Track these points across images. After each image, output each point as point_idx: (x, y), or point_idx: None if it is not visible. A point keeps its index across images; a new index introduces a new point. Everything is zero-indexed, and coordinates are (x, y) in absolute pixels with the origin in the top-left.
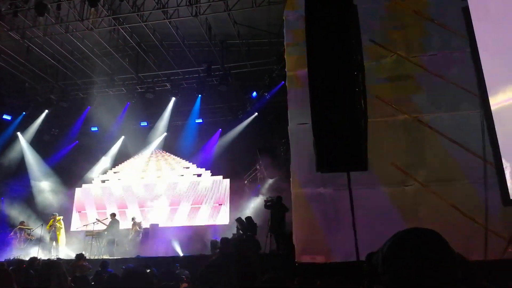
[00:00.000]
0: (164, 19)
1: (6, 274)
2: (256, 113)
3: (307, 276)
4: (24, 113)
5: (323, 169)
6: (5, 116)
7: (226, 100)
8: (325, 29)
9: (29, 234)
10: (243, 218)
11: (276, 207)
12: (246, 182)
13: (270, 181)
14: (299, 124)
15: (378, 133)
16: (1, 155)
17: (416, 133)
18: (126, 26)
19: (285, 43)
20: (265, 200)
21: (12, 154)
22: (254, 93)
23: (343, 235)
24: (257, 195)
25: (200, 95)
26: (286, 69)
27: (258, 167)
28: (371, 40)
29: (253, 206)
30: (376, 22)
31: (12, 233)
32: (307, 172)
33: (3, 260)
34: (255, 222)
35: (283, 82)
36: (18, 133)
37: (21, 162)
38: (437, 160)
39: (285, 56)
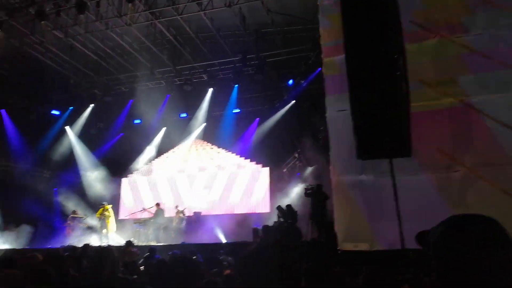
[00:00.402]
0: (199, 11)
1: (62, 260)
2: (293, 101)
3: (350, 263)
4: (71, 108)
5: (363, 156)
6: (53, 111)
7: (262, 89)
8: (362, 11)
9: (81, 223)
10: (283, 206)
11: (316, 195)
12: (285, 170)
13: (310, 169)
14: (337, 110)
15: (422, 118)
16: (52, 149)
17: (462, 117)
18: (163, 20)
19: (320, 28)
20: (305, 188)
21: (62, 147)
22: (291, 81)
23: (387, 222)
24: (296, 183)
25: (236, 85)
26: (322, 55)
27: (297, 155)
28: (412, 22)
29: (293, 194)
30: (416, 2)
31: (65, 222)
32: (347, 159)
33: (59, 247)
34: (295, 210)
35: (319, 68)
36: (67, 127)
37: (71, 155)
38: (485, 144)
39: (321, 42)
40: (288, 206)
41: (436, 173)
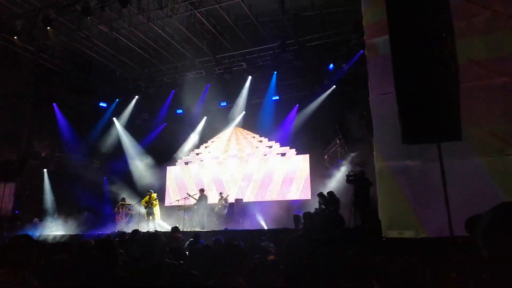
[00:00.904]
0: None
1: (112, 245)
2: (334, 86)
3: (395, 251)
4: (117, 100)
5: (409, 140)
6: (101, 104)
7: (302, 75)
8: None
9: (129, 210)
10: (325, 193)
11: (359, 181)
12: (326, 157)
13: (352, 155)
14: (381, 94)
15: (472, 99)
16: (101, 139)
17: None
18: (202, 9)
19: (362, 9)
20: (347, 175)
21: (110, 138)
22: (331, 65)
23: (434, 209)
24: (338, 169)
25: (275, 72)
26: (364, 37)
27: (338, 141)
28: None
29: (334, 181)
30: None
31: (115, 209)
32: (391, 144)
33: (109, 232)
34: (337, 196)
35: (362, 51)
36: (114, 119)
37: (118, 145)
38: None
39: (363, 24)
40: (330, 193)
41: (487, 157)
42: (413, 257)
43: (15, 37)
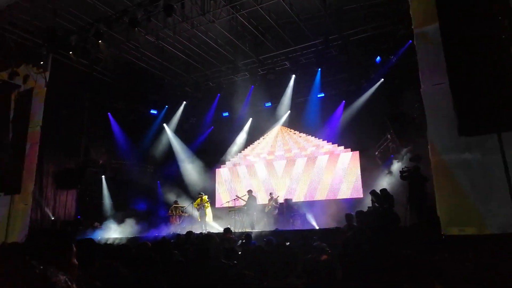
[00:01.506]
0: None
1: (168, 247)
2: (382, 79)
3: (456, 249)
4: (166, 106)
5: (467, 132)
6: (152, 111)
7: (347, 70)
8: None
9: (182, 212)
10: (377, 191)
11: (414, 177)
12: (377, 153)
13: (404, 150)
14: (433, 84)
15: None
16: (153, 145)
17: None
18: (243, 12)
19: None
20: (400, 171)
21: (161, 143)
22: (378, 58)
23: (497, 204)
24: (390, 166)
25: (319, 69)
26: (413, 26)
27: (389, 136)
28: None
29: (387, 177)
30: None
31: (168, 212)
32: (447, 137)
33: (164, 235)
34: (391, 194)
35: (410, 41)
36: (164, 124)
37: (169, 150)
38: None
39: (411, 12)
40: (383, 190)
41: None
42: (476, 256)
43: (70, 52)
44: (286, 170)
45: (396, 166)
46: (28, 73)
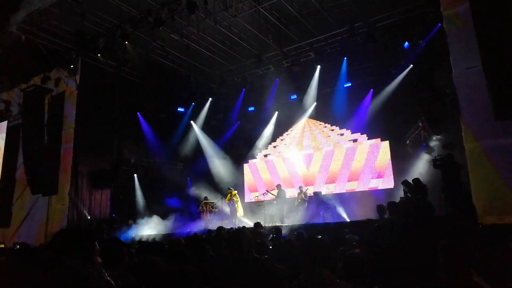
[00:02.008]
0: None
1: (201, 243)
2: (411, 65)
3: (494, 238)
4: (193, 103)
5: (503, 116)
6: (179, 109)
7: (374, 58)
8: None
9: (212, 207)
10: (410, 181)
11: (448, 165)
12: (408, 142)
13: (437, 137)
14: (466, 68)
15: None
16: (181, 142)
17: None
18: (265, 4)
19: None
20: (433, 159)
21: (190, 140)
22: (406, 44)
23: None
24: (423, 154)
25: (345, 58)
26: (441, 9)
27: (420, 124)
28: None
29: (419, 166)
30: None
31: (199, 208)
32: (482, 122)
33: (196, 231)
34: (424, 183)
35: (439, 24)
36: (192, 122)
37: (198, 146)
38: None
39: None
40: (416, 180)
41: None
42: None
43: (99, 55)
44: (314, 162)
45: (429, 154)
46: (59, 77)
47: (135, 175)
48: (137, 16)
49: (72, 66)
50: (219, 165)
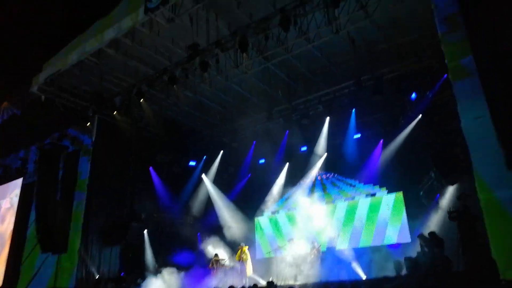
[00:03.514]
0: (307, 45)
1: None
2: (420, 115)
3: None
4: (205, 157)
5: None
6: (191, 163)
7: (382, 109)
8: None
9: (223, 265)
10: (426, 234)
11: (464, 217)
12: (421, 193)
13: (451, 188)
14: (474, 118)
15: None
16: (192, 196)
17: None
18: (274, 61)
19: (439, 32)
20: (448, 211)
21: (201, 194)
22: (413, 95)
23: None
24: (437, 206)
25: (354, 109)
26: (446, 61)
27: (433, 174)
28: None
29: (434, 219)
30: None
31: (209, 265)
32: (495, 172)
33: None
34: (440, 237)
35: (445, 75)
36: (203, 175)
37: (208, 200)
38: None
39: (442, 47)
40: (432, 233)
41: None
42: None
43: (115, 112)
44: (327, 216)
45: (443, 205)
46: (75, 135)
47: (145, 231)
48: (152, 75)
49: (88, 124)
50: (230, 219)
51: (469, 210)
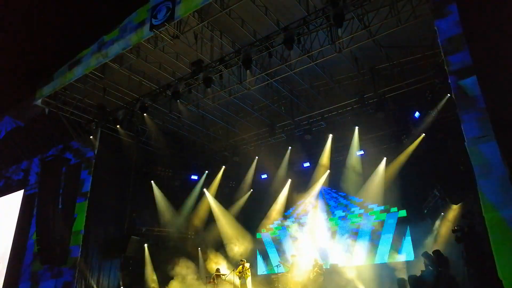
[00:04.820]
0: (310, 62)
1: None
2: (423, 134)
3: None
4: (206, 171)
5: None
6: (193, 177)
7: (386, 127)
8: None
9: (224, 280)
10: (430, 253)
11: (469, 236)
12: (425, 211)
13: (455, 207)
14: (478, 137)
15: None
16: (194, 211)
17: None
18: (277, 78)
19: (442, 53)
20: (453, 230)
21: (202, 209)
22: (417, 113)
23: None
24: (441, 225)
25: (357, 127)
26: (449, 81)
27: (437, 193)
28: None
29: (439, 237)
30: None
31: (210, 279)
32: (500, 190)
33: None
34: (445, 255)
35: (448, 94)
36: (204, 190)
37: (210, 215)
38: None
39: (446, 67)
40: (436, 251)
41: None
42: None
43: (118, 126)
44: (329, 233)
45: (448, 224)
46: (78, 147)
47: (146, 245)
48: (156, 90)
49: (91, 137)
50: (231, 234)
51: (474, 229)
